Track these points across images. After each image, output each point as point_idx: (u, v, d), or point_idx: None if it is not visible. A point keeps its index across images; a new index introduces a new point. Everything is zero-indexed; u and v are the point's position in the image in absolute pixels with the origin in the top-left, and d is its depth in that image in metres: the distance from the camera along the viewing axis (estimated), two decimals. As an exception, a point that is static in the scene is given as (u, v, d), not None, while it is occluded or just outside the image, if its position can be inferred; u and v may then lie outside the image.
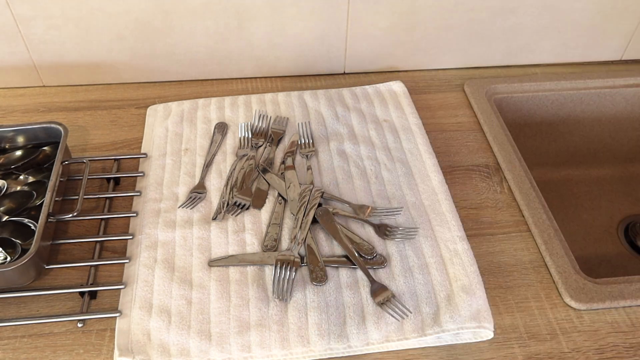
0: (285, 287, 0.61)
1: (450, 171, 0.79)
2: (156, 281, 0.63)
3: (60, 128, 0.73)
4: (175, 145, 0.80)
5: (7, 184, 0.71)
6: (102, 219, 0.71)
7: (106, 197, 0.73)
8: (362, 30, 0.90)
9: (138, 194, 0.73)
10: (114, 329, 0.60)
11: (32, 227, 0.66)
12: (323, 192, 0.72)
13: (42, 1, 0.81)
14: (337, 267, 0.65)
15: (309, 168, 0.76)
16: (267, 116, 0.84)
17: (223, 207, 0.71)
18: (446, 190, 0.73)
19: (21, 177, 0.72)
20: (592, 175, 1.06)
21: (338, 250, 0.66)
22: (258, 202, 0.72)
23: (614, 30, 0.95)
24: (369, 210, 0.70)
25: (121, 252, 0.68)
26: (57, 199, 0.68)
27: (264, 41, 0.89)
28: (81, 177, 0.71)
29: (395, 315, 0.59)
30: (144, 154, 0.79)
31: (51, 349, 0.59)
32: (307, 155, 0.78)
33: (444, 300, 0.61)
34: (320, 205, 0.70)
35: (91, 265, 0.65)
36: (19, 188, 0.71)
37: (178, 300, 0.62)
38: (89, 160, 0.73)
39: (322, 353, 0.58)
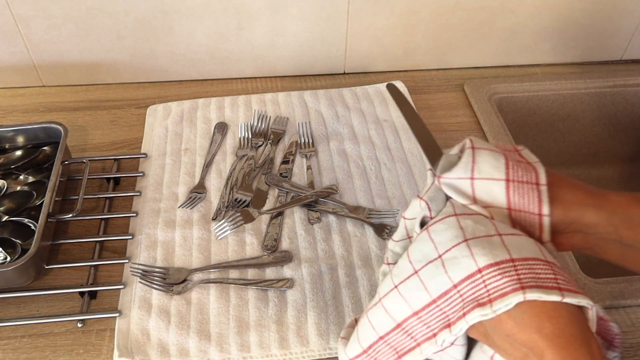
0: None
1: (450, 171, 0.79)
2: (156, 281, 0.63)
3: (60, 128, 0.73)
4: (175, 145, 0.80)
5: (7, 184, 0.71)
6: (102, 219, 0.71)
7: (106, 197, 0.73)
8: (362, 30, 0.90)
9: (138, 194, 0.73)
10: (114, 329, 0.60)
11: (32, 227, 0.66)
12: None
13: (42, 1, 0.81)
14: (336, 266, 0.65)
15: (308, 168, 0.76)
16: (267, 116, 0.84)
17: (223, 207, 0.71)
18: (446, 190, 0.73)
19: (21, 177, 0.72)
20: (592, 175, 1.06)
21: (338, 250, 0.66)
22: (258, 202, 0.72)
23: (614, 30, 0.95)
24: (365, 212, 0.70)
25: (121, 252, 0.68)
26: (57, 199, 0.68)
27: (264, 41, 0.89)
28: (81, 177, 0.71)
29: None
30: (144, 154, 0.79)
31: (51, 349, 0.59)
32: (307, 155, 0.78)
33: (444, 300, 0.61)
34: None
35: (91, 265, 0.65)
36: (19, 188, 0.71)
37: (177, 301, 0.62)
38: (89, 160, 0.73)
39: (321, 353, 0.58)
